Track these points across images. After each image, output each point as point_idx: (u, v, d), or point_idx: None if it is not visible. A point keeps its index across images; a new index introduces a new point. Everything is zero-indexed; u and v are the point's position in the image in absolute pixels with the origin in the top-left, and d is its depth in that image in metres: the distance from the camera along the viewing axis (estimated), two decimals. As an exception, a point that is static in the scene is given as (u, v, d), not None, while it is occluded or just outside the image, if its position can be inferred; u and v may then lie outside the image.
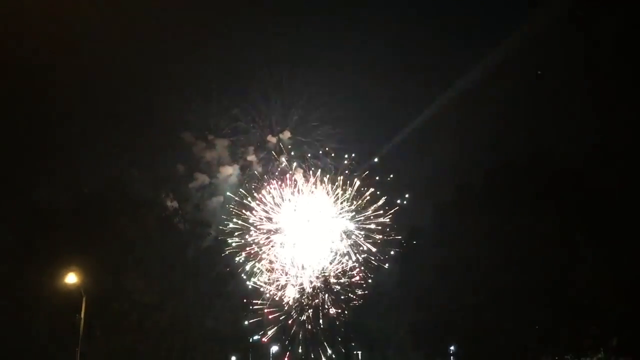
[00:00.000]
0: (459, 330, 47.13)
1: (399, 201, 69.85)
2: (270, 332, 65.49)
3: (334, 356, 65.07)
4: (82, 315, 36.18)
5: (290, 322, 63.67)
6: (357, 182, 69.78)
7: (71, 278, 35.28)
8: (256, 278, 65.41)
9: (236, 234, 66.04)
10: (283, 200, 70.43)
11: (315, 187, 70.29)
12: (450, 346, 54.00)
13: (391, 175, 70.42)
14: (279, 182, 71.00)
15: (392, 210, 68.18)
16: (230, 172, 78.55)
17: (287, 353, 65.63)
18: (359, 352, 72.30)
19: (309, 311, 59.62)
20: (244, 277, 63.75)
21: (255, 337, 64.72)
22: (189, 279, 46.52)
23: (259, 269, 67.28)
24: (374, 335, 60.52)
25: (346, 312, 63.59)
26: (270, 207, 69.96)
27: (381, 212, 69.77)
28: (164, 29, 70.47)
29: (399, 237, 65.45)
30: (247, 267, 66.73)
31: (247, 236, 67.32)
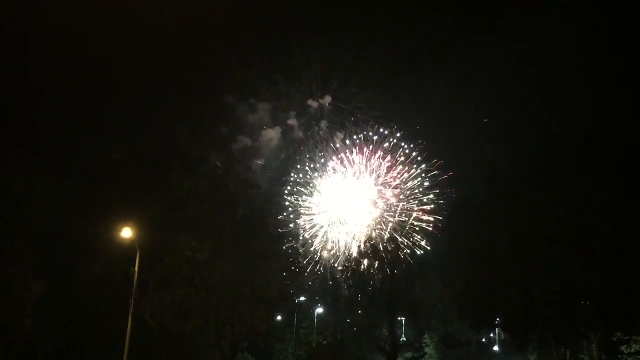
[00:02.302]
0: (506, 301, 46.46)
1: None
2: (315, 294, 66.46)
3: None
4: (136, 269, 37.47)
5: (336, 285, 64.15)
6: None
7: (126, 232, 36.45)
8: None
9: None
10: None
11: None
12: (496, 317, 53.47)
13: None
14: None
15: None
16: (271, 135, 79.26)
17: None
18: (402, 319, 72.62)
19: (355, 275, 59.77)
20: (292, 239, 64.61)
21: (301, 298, 65.62)
22: (239, 238, 47.13)
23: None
24: (419, 303, 60.40)
25: (391, 278, 63.64)
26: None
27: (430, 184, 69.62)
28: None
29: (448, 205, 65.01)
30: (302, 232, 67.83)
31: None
